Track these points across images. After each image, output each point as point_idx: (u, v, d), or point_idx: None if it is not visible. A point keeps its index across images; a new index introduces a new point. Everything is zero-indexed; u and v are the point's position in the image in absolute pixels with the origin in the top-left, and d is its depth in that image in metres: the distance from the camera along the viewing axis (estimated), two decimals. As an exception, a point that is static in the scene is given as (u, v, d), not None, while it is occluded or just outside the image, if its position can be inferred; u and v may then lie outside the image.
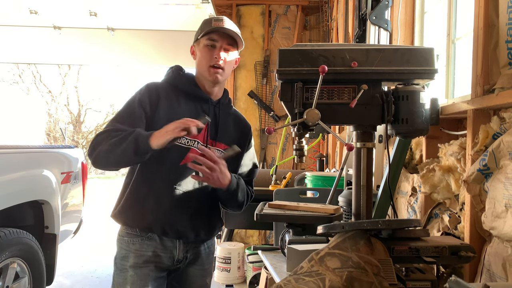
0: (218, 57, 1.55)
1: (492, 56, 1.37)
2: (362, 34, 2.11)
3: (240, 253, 3.71)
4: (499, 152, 1.27)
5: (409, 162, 2.01)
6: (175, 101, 1.57)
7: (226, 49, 1.58)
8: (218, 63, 1.56)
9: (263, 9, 5.00)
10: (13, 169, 2.52)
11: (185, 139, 1.54)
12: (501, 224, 1.23)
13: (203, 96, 1.61)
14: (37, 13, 4.50)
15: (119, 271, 1.57)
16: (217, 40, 1.56)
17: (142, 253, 1.54)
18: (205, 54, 1.57)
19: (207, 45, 1.56)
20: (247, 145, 1.74)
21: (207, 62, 1.56)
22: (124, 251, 1.56)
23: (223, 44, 1.56)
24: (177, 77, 1.63)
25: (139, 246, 1.55)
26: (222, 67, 1.57)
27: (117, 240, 1.60)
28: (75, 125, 18.34)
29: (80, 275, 4.27)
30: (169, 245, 1.57)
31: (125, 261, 1.55)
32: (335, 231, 1.17)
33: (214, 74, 1.57)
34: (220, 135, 1.62)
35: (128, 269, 1.54)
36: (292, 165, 4.76)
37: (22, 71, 17.00)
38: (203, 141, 1.58)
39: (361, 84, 1.18)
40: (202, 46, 1.58)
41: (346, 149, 1.16)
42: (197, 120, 1.40)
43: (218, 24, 1.55)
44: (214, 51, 1.56)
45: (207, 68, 1.57)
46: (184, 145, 1.54)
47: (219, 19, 1.57)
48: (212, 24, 1.55)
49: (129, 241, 1.56)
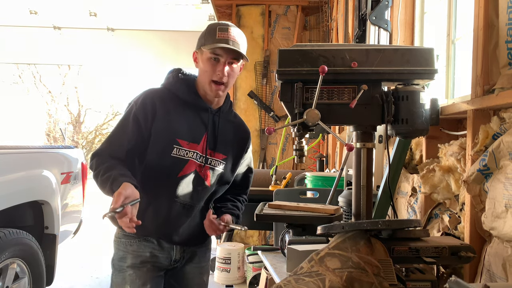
0: (221, 74, 1.50)
1: (492, 56, 1.36)
2: (362, 34, 2.12)
3: (240, 254, 3.71)
4: (499, 152, 1.27)
5: (409, 162, 2.01)
6: (173, 109, 1.54)
7: (230, 63, 1.52)
8: (222, 80, 1.52)
9: (263, 9, 5.00)
10: (13, 169, 2.52)
11: (185, 150, 1.53)
12: (501, 224, 1.23)
13: (202, 106, 1.59)
14: (37, 13, 4.51)
15: (117, 271, 1.57)
16: (222, 55, 1.50)
17: (140, 254, 1.55)
18: (208, 68, 1.52)
19: (211, 58, 1.51)
20: (245, 152, 1.73)
21: (210, 76, 1.52)
22: (122, 252, 1.56)
23: (228, 58, 1.51)
24: (177, 84, 1.59)
25: (136, 248, 1.55)
26: (225, 82, 1.53)
27: (114, 242, 1.60)
28: (75, 125, 18.33)
29: (80, 276, 4.27)
30: (166, 246, 1.58)
31: (123, 262, 1.56)
32: (335, 232, 1.17)
33: (216, 91, 1.54)
34: (219, 146, 1.61)
35: (127, 269, 1.54)
36: (292, 166, 4.76)
37: (22, 71, 16.99)
38: (202, 152, 1.57)
39: (361, 84, 1.18)
40: (206, 58, 1.52)
41: (346, 150, 1.16)
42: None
43: (223, 35, 1.49)
44: (218, 65, 1.51)
45: (209, 82, 1.53)
46: (184, 157, 1.53)
47: (224, 29, 1.50)
48: (216, 34, 1.49)
49: (126, 242, 1.56)
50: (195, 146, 1.55)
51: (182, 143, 1.53)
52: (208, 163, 1.58)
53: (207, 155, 1.58)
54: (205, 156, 1.57)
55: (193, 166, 1.55)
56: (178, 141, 1.53)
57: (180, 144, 1.53)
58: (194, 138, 1.56)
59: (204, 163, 1.57)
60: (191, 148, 1.54)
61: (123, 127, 1.52)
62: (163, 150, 1.51)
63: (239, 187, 1.75)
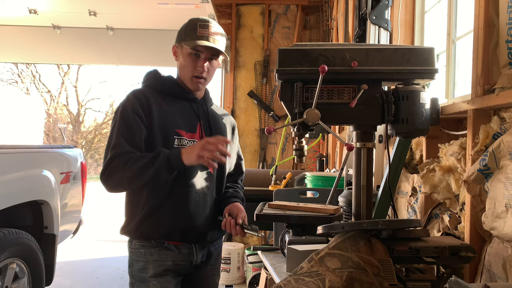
0: (202, 69, 1.55)
1: (492, 56, 1.36)
2: (362, 33, 2.11)
3: (240, 254, 3.71)
4: (499, 152, 1.27)
5: (409, 162, 2.01)
6: (164, 102, 1.56)
7: (210, 59, 1.56)
8: (202, 75, 1.56)
9: (263, 8, 5.00)
10: (12, 169, 2.51)
11: (185, 140, 1.55)
12: (501, 224, 1.23)
13: (190, 97, 1.62)
14: (36, 13, 4.50)
15: (139, 282, 1.53)
16: (202, 51, 1.54)
17: (162, 263, 1.53)
18: (189, 64, 1.56)
19: (191, 53, 1.54)
20: (235, 137, 1.78)
21: (190, 71, 1.56)
22: (142, 263, 1.53)
23: (208, 54, 1.55)
24: (160, 82, 1.61)
25: (157, 257, 1.53)
26: (205, 77, 1.58)
27: (131, 253, 1.56)
28: (74, 125, 18.33)
29: (79, 276, 4.26)
30: (186, 252, 1.56)
31: (145, 272, 1.52)
32: (335, 232, 1.17)
33: (197, 84, 1.58)
34: (214, 132, 1.63)
35: (150, 279, 1.51)
36: (292, 165, 4.75)
37: (21, 70, 17.00)
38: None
39: (361, 84, 1.18)
40: (186, 53, 1.55)
41: (346, 149, 1.16)
42: (223, 138, 1.44)
43: (203, 32, 1.53)
44: (198, 61, 1.55)
45: (189, 77, 1.57)
46: (186, 146, 1.53)
47: (205, 26, 1.54)
48: (197, 30, 1.53)
49: (146, 252, 1.53)
50: (194, 136, 1.57)
51: (182, 133, 1.55)
52: None
53: None
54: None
55: None
56: (177, 132, 1.54)
57: (180, 134, 1.54)
58: (190, 128, 1.58)
59: None
60: (190, 138, 1.56)
61: (127, 123, 1.49)
62: (165, 142, 1.51)
63: (234, 175, 1.78)
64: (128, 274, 1.58)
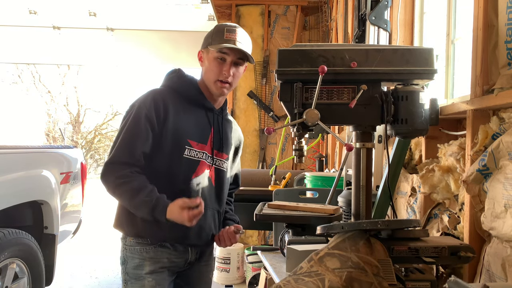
0: (227, 73, 1.53)
1: (491, 56, 1.36)
2: (361, 34, 2.12)
3: (239, 254, 3.71)
4: (499, 152, 1.27)
5: (409, 162, 2.01)
6: (181, 109, 1.55)
7: (236, 63, 1.55)
8: (227, 79, 1.54)
9: (263, 9, 5.00)
10: (12, 169, 2.51)
11: (195, 151, 1.54)
12: (501, 225, 1.23)
13: (208, 106, 1.61)
14: (37, 13, 4.50)
15: (133, 280, 1.53)
16: (228, 54, 1.52)
17: (158, 260, 1.53)
18: (214, 68, 1.54)
19: (217, 57, 1.53)
20: (239, 151, 1.79)
21: (216, 76, 1.54)
22: (138, 260, 1.53)
23: (234, 58, 1.53)
24: (183, 84, 1.60)
25: (153, 254, 1.53)
26: (230, 82, 1.55)
27: (126, 250, 1.55)
28: (74, 125, 18.31)
29: (79, 276, 4.26)
30: (181, 249, 1.58)
31: (140, 269, 1.52)
32: (335, 232, 1.17)
33: (221, 89, 1.55)
34: (224, 146, 1.64)
35: (145, 276, 1.51)
36: (292, 165, 4.75)
37: (22, 71, 16.98)
38: (210, 153, 1.59)
39: (360, 84, 1.18)
40: (212, 57, 1.54)
41: (346, 150, 1.16)
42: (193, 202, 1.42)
43: (230, 36, 1.51)
44: (224, 65, 1.53)
45: (214, 81, 1.55)
46: (194, 158, 1.54)
47: (232, 30, 1.53)
48: (224, 34, 1.51)
49: (142, 250, 1.53)
50: (204, 147, 1.56)
51: (193, 144, 1.54)
52: (215, 163, 1.60)
53: (214, 155, 1.59)
54: (212, 156, 1.59)
55: (205, 167, 1.56)
56: (189, 142, 1.53)
57: (191, 145, 1.53)
58: (202, 139, 1.57)
59: (212, 163, 1.59)
60: (200, 149, 1.55)
61: (135, 129, 1.49)
62: (176, 151, 1.51)
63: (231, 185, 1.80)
64: (121, 272, 1.57)
